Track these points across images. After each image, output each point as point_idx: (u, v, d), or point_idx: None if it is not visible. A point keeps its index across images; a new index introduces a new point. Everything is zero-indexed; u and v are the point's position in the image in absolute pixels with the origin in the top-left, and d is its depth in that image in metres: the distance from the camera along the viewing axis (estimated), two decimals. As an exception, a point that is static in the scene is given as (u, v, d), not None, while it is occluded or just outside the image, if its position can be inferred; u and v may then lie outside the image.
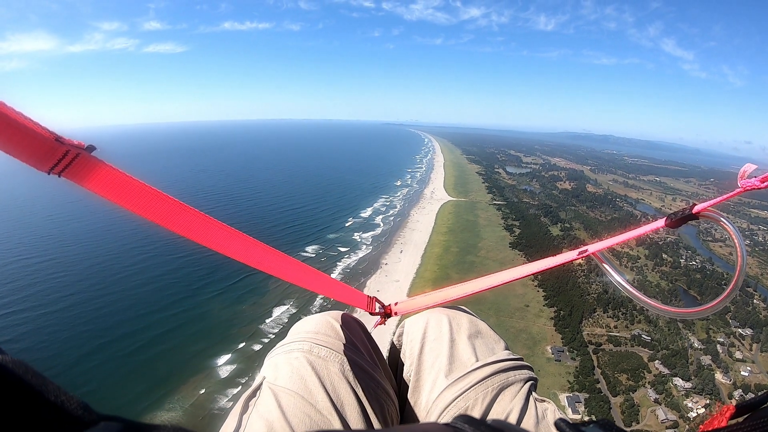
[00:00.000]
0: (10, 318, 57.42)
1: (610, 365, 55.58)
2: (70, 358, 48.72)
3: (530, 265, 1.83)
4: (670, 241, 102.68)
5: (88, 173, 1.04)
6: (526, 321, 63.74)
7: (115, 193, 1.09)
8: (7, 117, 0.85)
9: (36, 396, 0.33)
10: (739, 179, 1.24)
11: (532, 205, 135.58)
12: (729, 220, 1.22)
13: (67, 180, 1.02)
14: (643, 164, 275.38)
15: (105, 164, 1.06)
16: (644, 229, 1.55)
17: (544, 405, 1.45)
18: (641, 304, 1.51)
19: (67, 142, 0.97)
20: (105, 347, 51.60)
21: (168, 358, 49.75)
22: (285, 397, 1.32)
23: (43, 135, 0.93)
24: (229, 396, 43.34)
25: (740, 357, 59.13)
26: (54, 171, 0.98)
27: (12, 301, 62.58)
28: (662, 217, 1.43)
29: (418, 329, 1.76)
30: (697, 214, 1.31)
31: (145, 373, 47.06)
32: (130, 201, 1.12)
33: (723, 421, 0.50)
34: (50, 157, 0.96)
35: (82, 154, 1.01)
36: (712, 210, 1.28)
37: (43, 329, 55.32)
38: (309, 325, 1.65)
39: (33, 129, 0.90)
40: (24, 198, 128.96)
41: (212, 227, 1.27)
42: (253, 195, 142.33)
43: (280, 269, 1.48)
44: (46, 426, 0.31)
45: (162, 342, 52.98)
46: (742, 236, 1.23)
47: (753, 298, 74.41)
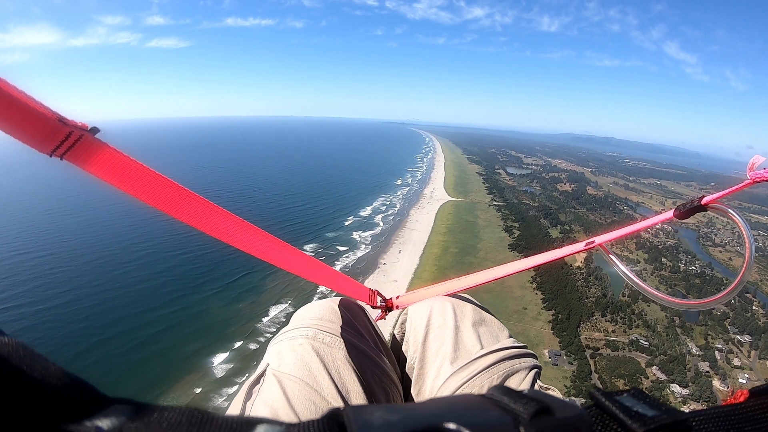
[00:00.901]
0: (8, 313, 57.38)
1: (608, 370, 55.48)
2: (66, 356, 48.42)
3: (535, 258, 1.80)
4: (670, 246, 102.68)
5: (91, 156, 1.01)
6: (524, 324, 63.61)
7: (118, 177, 1.06)
8: (9, 95, 0.83)
9: (41, 380, 0.32)
10: (748, 171, 1.24)
11: (532, 206, 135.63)
12: (737, 212, 1.22)
13: (69, 163, 0.99)
14: (644, 167, 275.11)
15: (109, 147, 1.03)
16: (654, 219, 1.56)
17: (549, 393, 1.35)
18: (647, 295, 1.49)
19: (71, 123, 0.95)
20: (101, 345, 51.53)
21: (165, 357, 49.64)
22: (290, 384, 1.31)
23: (45, 115, 0.90)
24: (225, 396, 43.15)
25: (738, 364, 59.06)
26: (56, 153, 0.96)
27: (9, 296, 62.47)
28: (671, 209, 1.43)
29: (421, 317, 1.75)
30: (706, 206, 1.31)
31: (142, 371, 47.04)
32: (134, 186, 1.08)
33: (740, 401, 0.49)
34: (53, 138, 0.94)
35: (86, 135, 0.98)
36: (721, 202, 1.28)
37: (40, 325, 55.25)
38: (313, 311, 1.65)
39: (35, 108, 0.88)
40: (23, 192, 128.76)
41: (216, 214, 1.24)
42: (254, 192, 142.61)
43: (283, 260, 1.48)
44: (56, 410, 0.31)
45: (159, 340, 52.89)
46: (750, 227, 1.23)
47: (752, 304, 74.23)
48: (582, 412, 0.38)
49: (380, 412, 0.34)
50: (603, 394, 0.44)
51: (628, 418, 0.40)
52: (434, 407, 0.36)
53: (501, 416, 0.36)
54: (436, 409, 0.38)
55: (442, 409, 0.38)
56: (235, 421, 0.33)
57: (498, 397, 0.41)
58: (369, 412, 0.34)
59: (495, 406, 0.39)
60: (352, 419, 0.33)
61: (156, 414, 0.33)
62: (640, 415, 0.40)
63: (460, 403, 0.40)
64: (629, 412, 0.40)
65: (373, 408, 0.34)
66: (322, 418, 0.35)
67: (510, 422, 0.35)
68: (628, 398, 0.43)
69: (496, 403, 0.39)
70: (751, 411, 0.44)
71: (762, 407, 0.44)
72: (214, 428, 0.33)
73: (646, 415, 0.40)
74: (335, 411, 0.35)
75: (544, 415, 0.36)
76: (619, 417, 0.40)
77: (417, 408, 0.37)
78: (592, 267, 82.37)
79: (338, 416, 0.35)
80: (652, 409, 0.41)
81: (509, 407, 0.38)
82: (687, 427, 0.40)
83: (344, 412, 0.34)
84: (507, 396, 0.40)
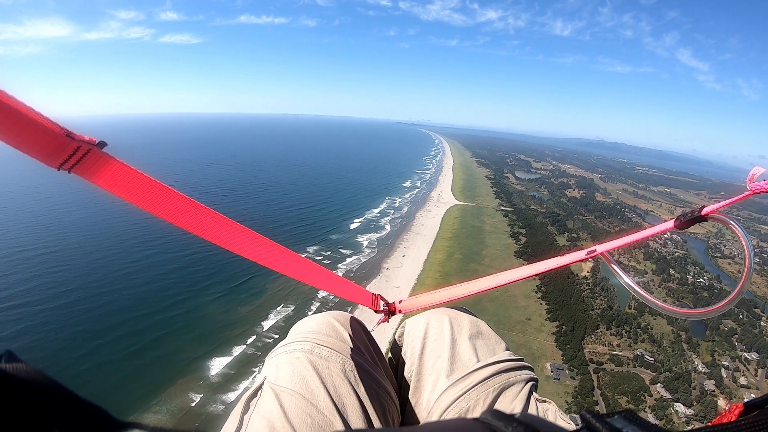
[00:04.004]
0: (8, 312, 57.07)
1: (611, 386, 54.55)
2: (67, 360, 48.28)
3: (537, 265, 1.81)
4: (678, 256, 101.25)
5: (98, 169, 1.03)
6: (527, 335, 62.71)
7: (125, 189, 1.08)
8: (17, 112, 0.84)
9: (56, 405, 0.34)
10: (748, 182, 1.24)
11: (540, 212, 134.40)
12: (737, 222, 1.22)
13: (77, 176, 1.01)
14: (654, 174, 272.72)
15: (116, 160, 1.06)
16: (654, 229, 1.56)
17: (545, 405, 1.47)
18: (649, 305, 1.49)
19: (78, 138, 0.97)
20: (102, 349, 51.20)
21: (165, 364, 49.27)
22: (286, 398, 1.32)
23: (53, 130, 0.92)
24: (226, 405, 42.89)
25: (745, 383, 57.73)
26: (64, 167, 0.98)
27: (10, 295, 62.16)
28: (671, 218, 1.44)
29: (419, 329, 1.77)
30: (706, 216, 1.31)
31: (142, 378, 46.62)
32: (140, 198, 1.11)
33: (732, 417, 0.51)
34: (60, 152, 0.96)
35: (93, 150, 1.00)
36: (721, 212, 1.28)
37: (40, 326, 54.83)
38: (310, 325, 1.66)
39: (43, 124, 0.90)
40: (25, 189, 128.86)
41: (221, 224, 1.27)
42: (262, 192, 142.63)
43: (286, 266, 1.49)
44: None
45: (160, 346, 52.48)
46: (750, 238, 1.22)
47: (760, 320, 72.44)
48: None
49: None
50: (594, 416, 0.45)
51: None
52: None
53: None
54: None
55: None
56: None
57: (490, 420, 0.42)
58: None
59: (486, 430, 0.40)
60: None
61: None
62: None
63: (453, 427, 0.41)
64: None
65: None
66: None
67: None
68: (618, 420, 0.44)
69: (487, 427, 0.41)
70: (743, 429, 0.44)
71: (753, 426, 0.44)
72: None
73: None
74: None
75: None
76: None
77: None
78: (599, 277, 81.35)
79: None
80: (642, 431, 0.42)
81: (500, 431, 0.39)
82: None
83: None
84: (499, 419, 0.42)
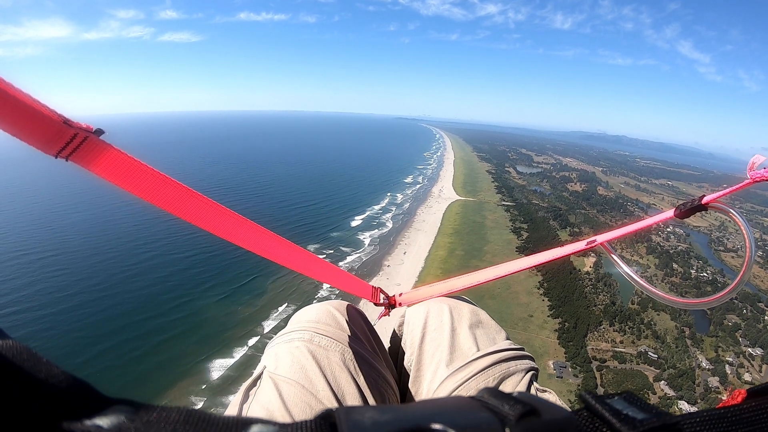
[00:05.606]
0: (9, 318, 56.53)
1: (614, 384, 54.31)
2: (69, 366, 45.98)
3: (536, 256, 1.81)
4: (681, 250, 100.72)
5: (95, 157, 1.03)
6: (529, 332, 62.39)
7: (122, 177, 1.08)
8: (15, 99, 0.84)
9: (43, 381, 0.33)
10: (748, 171, 1.24)
11: (542, 207, 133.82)
12: (738, 212, 1.22)
13: (74, 164, 1.01)
14: (656, 167, 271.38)
15: (113, 148, 1.05)
16: (654, 219, 1.57)
17: (545, 395, 1.45)
18: (650, 295, 1.51)
19: (76, 125, 0.96)
20: (104, 354, 50.93)
21: (167, 367, 48.99)
22: (285, 387, 1.32)
23: (51, 117, 0.92)
24: (228, 407, 42.33)
25: (749, 379, 57.40)
26: (61, 155, 0.97)
27: (11, 301, 61.66)
28: (671, 208, 1.43)
29: (418, 319, 1.77)
30: (707, 205, 1.30)
31: (144, 382, 46.38)
32: (138, 186, 1.10)
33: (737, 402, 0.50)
34: (58, 140, 0.95)
35: (91, 137, 1.00)
36: (721, 201, 1.28)
37: (41, 332, 54.24)
38: (310, 314, 1.66)
39: (41, 111, 0.89)
40: (27, 190, 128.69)
41: (220, 214, 1.26)
42: (264, 190, 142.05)
43: (286, 258, 1.49)
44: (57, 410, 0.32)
45: (162, 350, 52.08)
46: (750, 227, 1.22)
47: (764, 315, 72.05)
48: (569, 414, 0.39)
49: (371, 412, 0.35)
50: (593, 396, 0.45)
51: (618, 421, 0.40)
52: (423, 408, 0.39)
53: (488, 418, 0.38)
54: (425, 410, 0.39)
55: (431, 410, 0.39)
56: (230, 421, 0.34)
57: (487, 398, 0.42)
58: (360, 413, 0.35)
59: (483, 407, 0.40)
60: (343, 419, 0.34)
61: (155, 413, 0.35)
62: (630, 419, 0.41)
63: (449, 404, 0.41)
64: (619, 415, 0.41)
65: (364, 409, 0.36)
66: (315, 418, 0.37)
67: (497, 423, 0.37)
68: (618, 401, 0.44)
69: (484, 405, 0.41)
70: (746, 413, 0.44)
71: (757, 409, 0.44)
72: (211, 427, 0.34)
73: (635, 419, 0.40)
74: (327, 412, 0.37)
75: (531, 417, 0.37)
76: (608, 420, 0.41)
77: (406, 409, 0.38)
78: (601, 273, 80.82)
79: (330, 416, 0.36)
80: (642, 413, 0.42)
81: (497, 409, 0.39)
82: (678, 430, 0.41)
83: (336, 412, 0.36)
84: (495, 398, 0.41)
